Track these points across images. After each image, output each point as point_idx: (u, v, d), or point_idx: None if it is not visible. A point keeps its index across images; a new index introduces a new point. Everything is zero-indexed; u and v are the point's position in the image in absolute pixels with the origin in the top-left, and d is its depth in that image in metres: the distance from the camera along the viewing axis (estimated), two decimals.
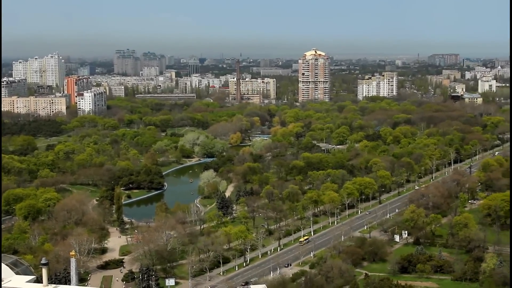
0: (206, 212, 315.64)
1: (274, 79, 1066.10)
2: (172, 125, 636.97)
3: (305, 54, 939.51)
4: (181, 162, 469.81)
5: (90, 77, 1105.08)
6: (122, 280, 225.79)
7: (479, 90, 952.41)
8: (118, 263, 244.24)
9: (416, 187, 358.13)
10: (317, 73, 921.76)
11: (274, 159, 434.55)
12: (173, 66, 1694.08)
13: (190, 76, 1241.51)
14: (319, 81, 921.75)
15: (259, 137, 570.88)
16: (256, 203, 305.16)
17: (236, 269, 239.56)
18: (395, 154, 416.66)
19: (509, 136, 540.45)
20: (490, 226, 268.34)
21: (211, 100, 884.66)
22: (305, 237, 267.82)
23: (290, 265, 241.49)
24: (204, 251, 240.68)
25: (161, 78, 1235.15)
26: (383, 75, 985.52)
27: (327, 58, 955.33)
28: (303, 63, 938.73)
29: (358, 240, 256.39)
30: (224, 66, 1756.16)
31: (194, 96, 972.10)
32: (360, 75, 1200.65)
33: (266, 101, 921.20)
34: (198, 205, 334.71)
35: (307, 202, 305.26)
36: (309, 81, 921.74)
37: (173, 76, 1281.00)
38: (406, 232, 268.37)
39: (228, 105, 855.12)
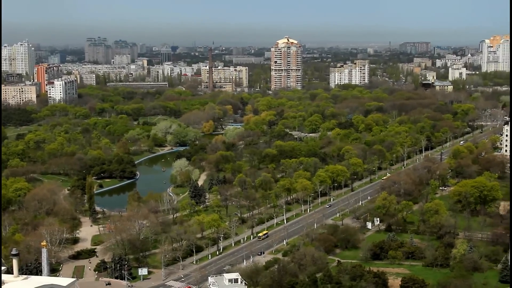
0: (179, 201, 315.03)
1: (247, 67, 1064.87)
2: (144, 113, 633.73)
3: (278, 42, 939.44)
4: (154, 151, 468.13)
5: (61, 65, 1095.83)
6: (95, 270, 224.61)
7: (450, 78, 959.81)
8: (90, 253, 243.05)
9: (388, 174, 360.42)
10: (289, 61, 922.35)
11: (246, 147, 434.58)
12: (145, 54, 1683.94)
13: (162, 64, 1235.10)
14: (292, 69, 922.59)
15: (232, 125, 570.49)
16: (229, 191, 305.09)
17: (209, 257, 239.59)
18: (367, 142, 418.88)
19: (479, 123, 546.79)
20: (460, 212, 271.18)
21: (184, 89, 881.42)
22: (264, 232, 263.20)
23: (263, 253, 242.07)
24: (177, 240, 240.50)
25: (132, 66, 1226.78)
26: (355, 63, 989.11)
27: (299, 46, 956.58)
28: (275, 51, 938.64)
29: (331, 228, 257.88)
30: (197, 54, 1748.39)
31: (166, 84, 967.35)
32: (332, 63, 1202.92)
33: (238, 89, 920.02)
34: (170, 194, 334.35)
35: (279, 190, 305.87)
36: (282, 69, 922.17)
37: (145, 64, 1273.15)
38: (378, 219, 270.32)
39: (200, 93, 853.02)
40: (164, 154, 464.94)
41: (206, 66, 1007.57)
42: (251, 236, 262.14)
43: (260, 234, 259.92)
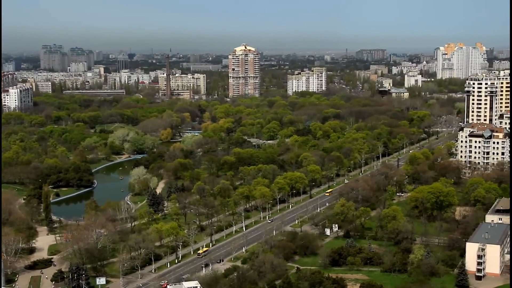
0: (137, 209, 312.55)
1: (204, 75, 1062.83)
2: (101, 121, 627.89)
3: (235, 50, 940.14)
4: (111, 159, 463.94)
5: (16, 73, 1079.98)
6: (51, 280, 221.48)
7: (406, 85, 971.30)
8: (46, 263, 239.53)
9: (346, 181, 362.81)
10: (247, 68, 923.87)
11: (205, 154, 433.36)
12: (102, 61, 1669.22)
13: (119, 72, 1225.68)
14: (249, 77, 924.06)
15: (190, 133, 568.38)
16: (188, 199, 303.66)
17: (168, 266, 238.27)
18: (325, 149, 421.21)
19: (435, 129, 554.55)
20: (417, 218, 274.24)
21: (141, 96, 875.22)
22: (204, 249, 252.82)
23: (222, 260, 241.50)
24: (135, 249, 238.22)
25: (89, 74, 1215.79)
26: (313, 70, 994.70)
27: (257, 54, 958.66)
28: (233, 58, 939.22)
29: (290, 235, 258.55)
30: (154, 61, 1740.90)
31: (123, 92, 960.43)
32: (289, 70, 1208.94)
33: (196, 96, 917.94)
34: (128, 202, 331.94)
35: (238, 198, 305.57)
36: (239, 77, 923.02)
37: (102, 72, 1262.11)
38: (337, 225, 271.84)
39: (158, 101, 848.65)
40: (121, 162, 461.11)
41: (163, 74, 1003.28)
42: (210, 244, 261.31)
43: (200, 252, 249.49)
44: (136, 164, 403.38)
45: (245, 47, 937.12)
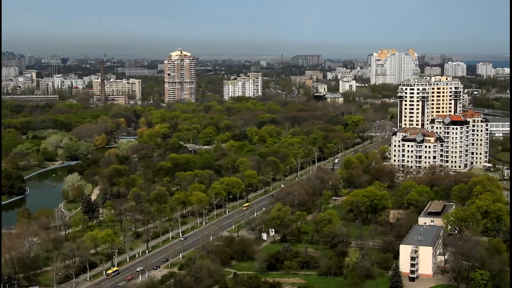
0: (71, 217, 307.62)
1: (140, 80, 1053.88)
2: (34, 127, 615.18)
3: (171, 55, 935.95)
4: (44, 166, 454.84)
5: None
6: None
7: (340, 90, 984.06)
8: None
9: (282, 186, 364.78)
10: (183, 73, 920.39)
11: (140, 160, 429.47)
12: (34, 66, 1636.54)
13: (52, 77, 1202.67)
14: (185, 82, 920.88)
15: (125, 138, 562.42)
16: (123, 205, 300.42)
17: (104, 273, 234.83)
18: (261, 154, 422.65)
19: (369, 134, 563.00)
20: (352, 221, 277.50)
21: (75, 101, 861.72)
22: (114, 269, 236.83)
23: (159, 267, 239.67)
24: (69, 257, 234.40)
25: (21, 79, 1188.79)
26: (248, 76, 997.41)
27: (192, 59, 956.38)
28: (168, 63, 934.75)
29: (226, 240, 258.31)
30: (88, 66, 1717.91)
31: (56, 97, 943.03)
32: (225, 76, 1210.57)
33: (131, 102, 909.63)
34: (62, 209, 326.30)
35: (175, 203, 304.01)
36: (175, 82, 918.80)
37: (34, 77, 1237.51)
38: (273, 230, 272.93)
39: (92, 106, 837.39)
40: (55, 168, 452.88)
41: (98, 79, 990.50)
42: (146, 251, 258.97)
43: (109, 272, 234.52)
44: (70, 171, 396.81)
45: (181, 52, 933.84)
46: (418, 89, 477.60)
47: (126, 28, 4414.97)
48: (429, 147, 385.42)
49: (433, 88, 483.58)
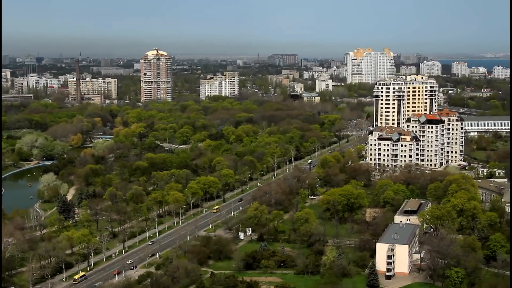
0: (47, 217, 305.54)
1: (116, 79, 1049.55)
2: (8, 127, 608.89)
3: (147, 54, 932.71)
4: (19, 166, 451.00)
5: None
6: None
7: (317, 89, 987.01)
8: None
9: (259, 185, 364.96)
10: (159, 72, 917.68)
11: (117, 160, 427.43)
12: (8, 65, 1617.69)
13: (26, 76, 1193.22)
14: (162, 81, 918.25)
15: (101, 138, 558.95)
16: (99, 205, 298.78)
17: (80, 274, 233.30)
18: (238, 153, 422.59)
19: (345, 133, 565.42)
20: (329, 220, 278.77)
21: (50, 101, 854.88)
22: (81, 274, 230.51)
23: (136, 267, 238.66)
24: (45, 257, 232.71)
25: None
26: (225, 75, 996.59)
27: (169, 58, 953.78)
28: (144, 62, 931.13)
29: (203, 239, 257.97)
30: (63, 65, 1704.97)
31: (31, 96, 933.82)
32: (202, 75, 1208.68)
33: (107, 101, 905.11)
34: (38, 209, 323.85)
35: (151, 203, 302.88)
36: (152, 81, 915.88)
37: (8, 76, 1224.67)
38: (250, 229, 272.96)
39: (68, 105, 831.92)
40: (30, 168, 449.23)
41: (73, 78, 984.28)
42: (123, 251, 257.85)
43: (76, 277, 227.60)
44: (46, 171, 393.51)
45: (157, 51, 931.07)
46: (394, 88, 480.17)
47: (102, 28, 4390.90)
48: (405, 146, 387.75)
49: (408, 87, 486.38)
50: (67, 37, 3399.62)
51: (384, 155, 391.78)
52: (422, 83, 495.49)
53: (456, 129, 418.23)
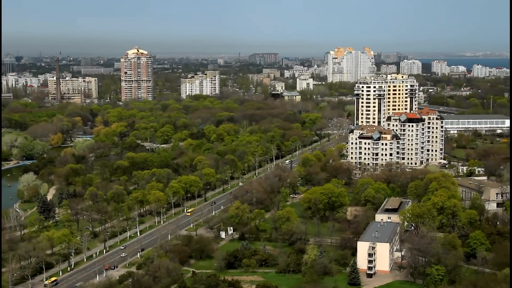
0: (27, 217, 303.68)
1: (96, 78, 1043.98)
2: None
3: (127, 53, 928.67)
4: None
5: None
6: None
7: (298, 88, 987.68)
8: None
9: (240, 184, 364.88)
10: (140, 72, 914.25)
11: (97, 159, 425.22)
12: None
13: (6, 75, 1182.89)
14: (142, 80, 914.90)
15: (82, 137, 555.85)
16: (80, 205, 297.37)
17: (60, 274, 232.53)
18: (219, 152, 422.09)
19: (326, 131, 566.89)
20: (310, 218, 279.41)
21: (30, 100, 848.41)
22: (53, 279, 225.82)
23: (117, 267, 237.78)
24: (25, 258, 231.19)
25: None
26: (206, 74, 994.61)
27: (149, 57, 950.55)
28: (125, 62, 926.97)
29: (185, 238, 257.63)
30: (43, 64, 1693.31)
31: (10, 96, 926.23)
32: (183, 74, 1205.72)
33: (88, 100, 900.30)
34: (17, 209, 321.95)
35: (132, 203, 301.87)
36: (132, 80, 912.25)
37: None
38: (232, 228, 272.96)
39: (47, 105, 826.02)
40: (9, 168, 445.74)
41: (53, 77, 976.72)
42: (104, 251, 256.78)
43: (47, 282, 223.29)
44: (25, 170, 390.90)
45: (138, 50, 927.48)
46: (374, 87, 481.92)
47: (82, 27, 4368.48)
48: (386, 144, 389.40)
49: (389, 86, 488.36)
50: (46, 36, 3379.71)
51: (365, 154, 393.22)
52: (403, 82, 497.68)
53: (436, 128, 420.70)
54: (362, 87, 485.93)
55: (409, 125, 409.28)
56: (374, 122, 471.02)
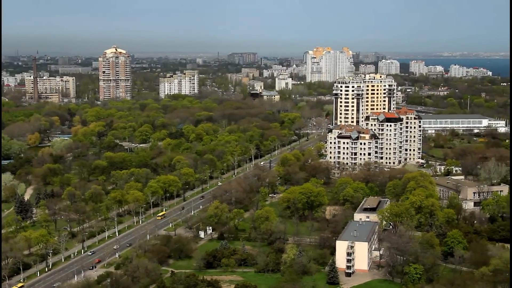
0: (4, 217, 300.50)
1: (74, 77, 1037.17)
2: None
3: (105, 52, 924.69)
4: None
5: None
6: None
7: (276, 88, 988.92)
8: None
9: (219, 183, 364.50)
10: (118, 71, 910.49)
11: (75, 159, 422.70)
12: None
13: None
14: (120, 79, 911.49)
15: (59, 137, 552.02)
16: (58, 205, 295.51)
17: (38, 274, 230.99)
18: (198, 151, 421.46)
19: (305, 131, 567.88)
20: (289, 218, 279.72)
21: (6, 100, 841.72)
22: (20, 285, 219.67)
23: (95, 267, 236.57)
24: (2, 258, 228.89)
25: None
26: (185, 73, 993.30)
27: (127, 56, 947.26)
28: (103, 61, 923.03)
29: (164, 238, 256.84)
30: (20, 63, 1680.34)
31: None
32: (161, 73, 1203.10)
33: (65, 100, 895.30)
34: None
35: (111, 202, 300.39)
36: (110, 79, 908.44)
37: None
38: (211, 227, 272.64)
39: (25, 104, 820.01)
40: None
41: (30, 76, 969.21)
42: (82, 251, 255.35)
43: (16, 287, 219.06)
44: (2, 170, 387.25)
45: (116, 49, 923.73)
46: (353, 87, 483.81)
47: (59, 25, 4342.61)
48: (364, 144, 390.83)
49: (367, 86, 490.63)
50: (23, 35, 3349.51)
51: (343, 153, 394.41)
52: (381, 81, 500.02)
53: (414, 127, 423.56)
54: (341, 86, 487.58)
55: (387, 125, 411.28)
56: (352, 121, 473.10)
